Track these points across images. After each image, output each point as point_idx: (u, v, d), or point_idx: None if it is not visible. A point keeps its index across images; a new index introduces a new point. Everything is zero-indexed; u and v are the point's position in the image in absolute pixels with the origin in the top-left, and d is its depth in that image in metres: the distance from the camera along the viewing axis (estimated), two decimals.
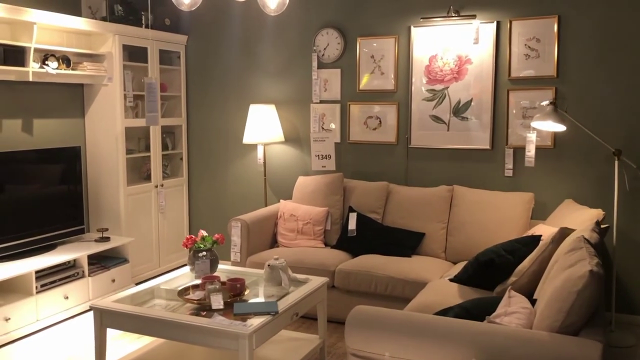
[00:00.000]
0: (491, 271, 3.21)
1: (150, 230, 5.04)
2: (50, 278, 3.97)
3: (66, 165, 4.40)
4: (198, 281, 3.27)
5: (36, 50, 4.01)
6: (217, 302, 2.85)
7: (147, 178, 5.10)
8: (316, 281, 3.29)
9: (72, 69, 4.34)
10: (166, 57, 5.19)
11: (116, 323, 2.88)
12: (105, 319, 2.89)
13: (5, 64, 3.85)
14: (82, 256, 4.20)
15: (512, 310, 2.30)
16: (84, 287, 4.21)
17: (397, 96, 4.58)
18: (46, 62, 4.11)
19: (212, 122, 5.31)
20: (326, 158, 4.67)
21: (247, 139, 4.80)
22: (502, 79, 4.24)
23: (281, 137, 4.85)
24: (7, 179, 3.94)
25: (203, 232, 3.42)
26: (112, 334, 3.75)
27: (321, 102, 4.84)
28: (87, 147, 4.80)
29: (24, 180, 4.07)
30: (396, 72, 4.56)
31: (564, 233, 2.88)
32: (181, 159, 5.43)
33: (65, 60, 4.26)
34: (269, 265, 3.18)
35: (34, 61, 3.99)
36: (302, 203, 4.58)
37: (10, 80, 4.02)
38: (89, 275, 4.25)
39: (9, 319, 3.64)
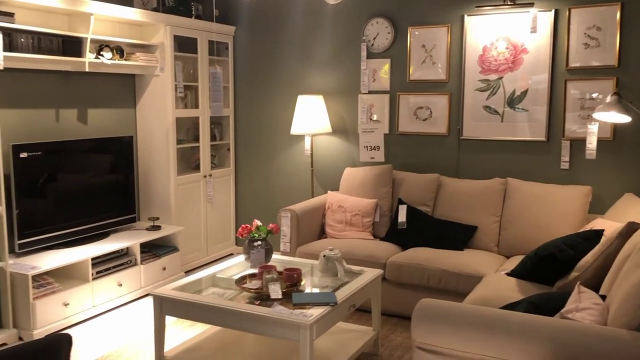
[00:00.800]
0: (551, 266, 3.13)
1: (199, 219, 5.09)
2: (104, 265, 4.05)
3: (119, 154, 4.47)
4: (253, 270, 3.29)
5: (92, 41, 4.07)
6: (276, 291, 2.85)
7: (196, 168, 5.14)
8: (371, 273, 3.26)
9: (125, 60, 4.39)
10: (215, 48, 5.21)
11: (175, 311, 2.91)
12: (164, 307, 2.93)
13: (63, 54, 3.92)
14: (135, 244, 4.26)
15: (583, 306, 2.23)
16: (136, 274, 4.27)
17: (448, 86, 4.50)
18: (101, 53, 4.17)
19: (259, 113, 5.32)
20: (375, 149, 4.63)
21: (294, 130, 4.79)
22: (560, 69, 4.12)
23: (328, 128, 4.82)
24: (64, 168, 4.02)
25: (257, 222, 3.43)
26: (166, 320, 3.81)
27: (370, 92, 4.79)
28: (138, 136, 4.87)
29: (79, 169, 4.15)
30: (448, 61, 4.47)
31: (632, 227, 2.78)
32: (228, 149, 5.46)
33: (119, 50, 4.31)
34: (324, 255, 3.17)
35: (89, 52, 4.05)
36: (350, 194, 4.55)
37: (67, 70, 4.09)
38: (141, 263, 4.32)
39: (68, 304, 3.73)
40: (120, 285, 4.13)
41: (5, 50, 3.54)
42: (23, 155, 3.71)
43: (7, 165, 3.64)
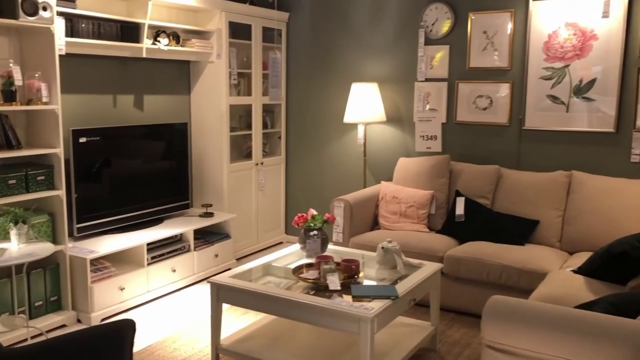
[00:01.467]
0: (623, 264, 2.96)
1: (250, 207, 5.07)
2: (159, 251, 4.07)
3: (174, 141, 4.48)
4: (309, 260, 3.23)
5: (149, 26, 4.07)
6: (334, 282, 2.79)
7: (247, 156, 5.13)
8: (431, 267, 3.16)
9: (181, 46, 4.38)
10: (268, 35, 5.15)
11: (232, 299, 2.88)
12: (222, 294, 2.90)
13: (121, 40, 3.93)
14: (189, 231, 4.27)
15: None
16: (190, 261, 4.29)
17: (511, 74, 4.32)
18: (158, 39, 4.17)
19: (312, 101, 5.24)
20: (432, 139, 4.50)
21: (347, 118, 4.70)
22: (632, 57, 3.88)
23: (383, 117, 4.71)
24: (120, 153, 4.05)
25: (313, 211, 3.37)
26: None
27: (426, 80, 4.65)
28: (192, 123, 4.87)
29: (135, 154, 4.18)
30: (511, 48, 4.29)
31: None
32: (279, 137, 5.42)
33: (175, 36, 4.31)
34: (382, 247, 3.08)
35: (147, 38, 4.06)
36: (405, 185, 4.44)
37: (124, 56, 4.11)
38: (194, 250, 4.33)
39: (124, 288, 3.76)
40: (174, 271, 4.15)
41: (67, 35, 3.57)
42: (82, 140, 3.75)
43: (66, 150, 3.69)
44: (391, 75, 4.82)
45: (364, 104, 4.62)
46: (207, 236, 4.58)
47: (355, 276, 2.92)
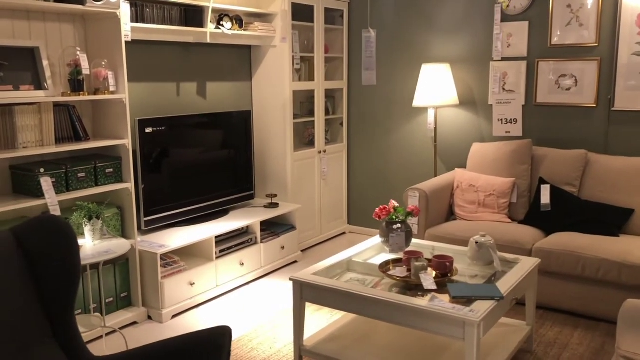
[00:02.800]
0: None
1: (313, 197, 4.88)
2: (227, 244, 3.92)
3: (238, 129, 4.31)
4: (393, 255, 3.02)
5: (212, 10, 3.89)
6: (429, 282, 2.56)
7: (309, 144, 4.93)
8: (528, 262, 2.90)
9: (244, 30, 4.19)
10: (329, 17, 4.92)
11: (317, 297, 2.69)
12: (305, 293, 2.72)
13: (185, 24, 3.77)
14: (255, 222, 4.11)
15: None
16: (257, 253, 4.13)
17: (598, 51, 3.97)
18: (221, 23, 3.99)
19: (375, 85, 4.99)
20: (511, 122, 4.20)
21: (417, 102, 4.44)
22: None
23: (455, 100, 4.42)
24: (185, 143, 3.90)
25: (394, 203, 3.14)
26: (289, 303, 3.64)
27: (503, 59, 4.34)
28: (254, 110, 4.69)
29: (199, 144, 4.03)
30: (599, 23, 3.94)
31: None
32: (341, 124, 5.20)
33: (238, 20, 4.12)
34: (476, 242, 2.83)
35: (210, 22, 3.88)
36: (481, 172, 4.16)
37: (186, 42, 3.95)
38: (261, 242, 4.17)
39: (194, 283, 3.63)
40: (242, 264, 4.00)
41: (132, 21, 3.42)
42: (148, 130, 3.61)
43: (132, 140, 3.55)
44: (463, 55, 4.52)
45: (435, 87, 4.34)
46: (271, 228, 4.42)
47: (449, 274, 2.69)
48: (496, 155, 4.13)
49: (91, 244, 2.95)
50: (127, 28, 3.29)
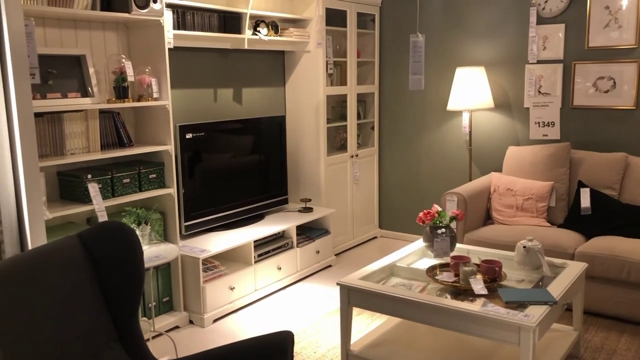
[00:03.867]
0: None
1: (345, 201, 4.89)
2: (264, 248, 3.94)
3: (272, 134, 4.33)
4: (438, 260, 3.01)
5: (250, 16, 3.92)
6: (479, 286, 2.55)
7: (341, 148, 4.93)
8: (576, 267, 2.87)
9: (280, 35, 4.22)
10: (360, 21, 4.93)
11: (365, 302, 2.69)
12: (353, 298, 2.72)
13: (224, 31, 3.80)
14: (292, 227, 4.13)
15: None
16: (293, 258, 4.14)
17: (638, 53, 3.93)
18: (257, 29, 4.02)
19: (407, 89, 4.98)
20: (549, 125, 4.17)
21: (452, 106, 4.43)
22: None
23: (490, 103, 4.40)
24: (222, 149, 3.93)
25: (437, 207, 3.13)
26: (328, 307, 3.64)
27: (538, 62, 4.31)
28: (287, 115, 4.71)
29: (236, 149, 4.05)
30: (638, 24, 3.90)
31: None
32: (372, 128, 5.20)
33: (273, 26, 4.15)
34: (524, 247, 2.82)
35: (247, 28, 3.91)
36: (518, 176, 4.14)
37: (224, 48, 3.97)
38: (297, 246, 4.18)
39: (234, 288, 3.65)
40: (280, 268, 4.01)
41: (174, 28, 3.46)
42: (188, 136, 3.65)
43: (174, 146, 3.59)
44: (498, 58, 4.50)
45: (470, 90, 4.33)
46: (306, 232, 4.43)
47: (498, 279, 2.68)
48: (534, 158, 4.10)
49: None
50: (170, 35, 3.33)
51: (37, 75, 2.72)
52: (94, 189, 3.00)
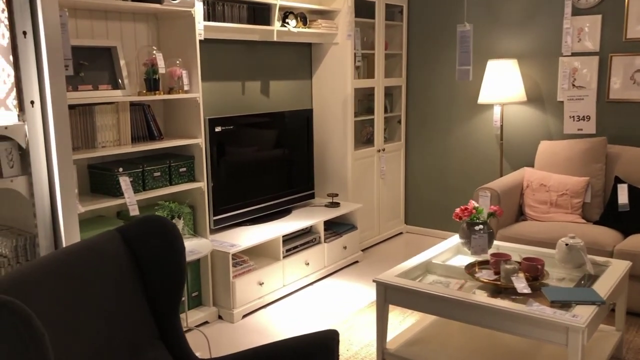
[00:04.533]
0: None
1: (372, 196, 4.81)
2: (293, 243, 3.89)
3: (299, 128, 4.27)
4: (476, 257, 2.94)
5: (279, 8, 3.85)
6: (522, 285, 2.48)
7: (367, 142, 4.86)
8: (619, 265, 2.78)
9: (308, 27, 4.15)
10: (388, 12, 4.84)
11: (401, 300, 2.63)
12: (389, 295, 2.65)
13: (253, 22, 3.74)
14: (319, 222, 4.07)
15: None
16: (321, 253, 4.08)
17: None
18: (286, 21, 3.95)
19: (435, 82, 4.90)
20: (584, 120, 4.06)
21: (482, 99, 4.33)
22: None
23: (522, 96, 4.30)
24: (250, 142, 3.88)
25: (474, 203, 3.06)
26: (358, 304, 3.58)
27: (573, 54, 4.20)
28: (314, 109, 4.65)
29: (263, 143, 4.00)
30: None
31: None
32: (399, 122, 5.12)
33: (302, 17, 4.08)
34: (566, 244, 2.73)
35: (277, 20, 3.84)
36: (551, 171, 4.04)
37: (252, 40, 3.91)
38: (324, 241, 4.13)
39: (262, 283, 3.60)
40: (307, 264, 3.96)
41: (204, 19, 3.41)
42: (217, 129, 3.60)
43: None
44: (529, 50, 4.39)
45: (502, 83, 4.23)
46: (333, 227, 4.37)
47: (540, 277, 2.60)
48: (568, 153, 4.00)
49: None
50: (201, 27, 3.27)
51: (70, 67, 2.69)
52: (125, 182, 2.96)
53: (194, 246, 2.91)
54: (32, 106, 2.43)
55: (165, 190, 3.16)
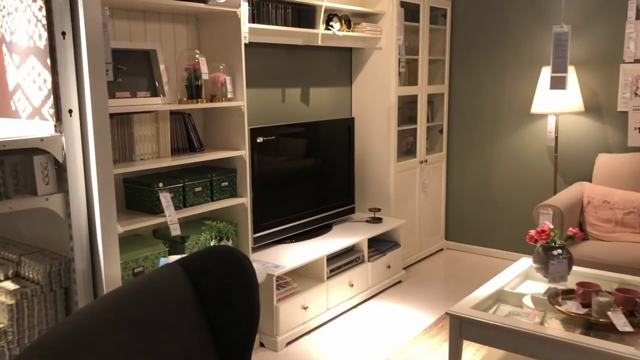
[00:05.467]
0: None
1: (414, 210, 4.52)
2: (336, 263, 3.61)
3: (341, 138, 4.00)
4: (554, 285, 2.64)
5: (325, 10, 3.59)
6: (622, 322, 2.18)
7: (407, 153, 4.58)
8: None
9: (352, 31, 3.88)
10: (432, 16, 4.56)
11: (479, 336, 2.33)
12: (465, 330, 2.36)
13: (298, 25, 3.47)
14: (363, 240, 3.78)
15: None
16: (364, 273, 3.80)
17: None
18: (330, 24, 3.68)
19: (481, 89, 4.61)
20: None
21: (536, 108, 4.04)
22: None
23: (580, 106, 4.00)
24: (291, 154, 3.61)
25: (548, 224, 2.76)
26: (410, 331, 3.29)
27: (636, 61, 3.91)
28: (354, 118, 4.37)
29: (302, 154, 3.72)
30: None
31: None
32: (440, 131, 4.83)
33: (346, 20, 3.81)
34: None
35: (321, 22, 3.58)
36: (613, 186, 3.74)
37: (293, 44, 3.64)
38: (368, 260, 3.84)
39: (307, 307, 3.32)
40: (352, 285, 3.67)
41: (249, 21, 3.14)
42: (259, 140, 3.33)
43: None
44: (586, 56, 4.10)
45: (557, 92, 3.93)
46: (374, 244, 4.08)
47: (637, 312, 2.30)
48: (633, 167, 3.70)
49: None
50: (246, 29, 3.01)
51: (110, 72, 2.42)
52: (165, 199, 2.69)
53: None
54: (70, 115, 2.17)
55: (207, 207, 2.89)
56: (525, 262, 3.01)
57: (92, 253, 2.28)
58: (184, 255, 1.98)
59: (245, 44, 3.02)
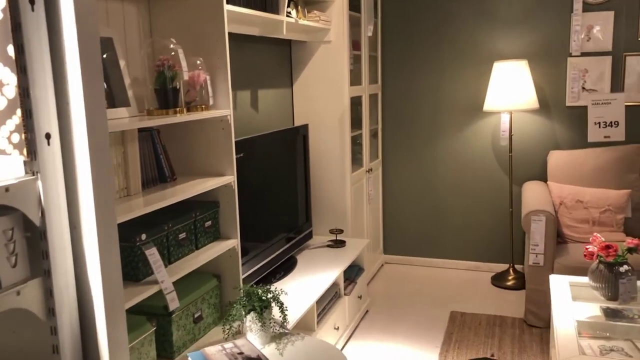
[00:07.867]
0: None
1: (362, 226, 4.00)
2: (321, 305, 2.93)
3: (294, 151, 3.30)
4: (594, 305, 2.31)
5: None
6: None
7: (354, 162, 4.02)
8: None
9: (307, 19, 3.22)
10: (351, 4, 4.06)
11: None
12: None
13: (264, 9, 2.72)
14: (340, 274, 3.15)
15: None
16: (343, 310, 3.18)
17: None
18: (287, 10, 2.99)
19: (419, 88, 4.24)
20: (612, 126, 3.69)
21: (489, 106, 3.79)
22: None
23: (535, 102, 3.80)
24: (255, 172, 2.84)
25: (599, 237, 2.44)
26: None
27: (582, 54, 3.84)
28: (297, 124, 3.70)
29: (264, 173, 2.97)
30: None
31: None
32: (375, 135, 4.37)
33: (301, 7, 3.14)
34: None
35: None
36: (574, 184, 3.63)
37: (241, 34, 2.89)
38: (344, 294, 3.22)
39: None
40: (337, 328, 3.03)
41: None
42: (239, 155, 2.51)
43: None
44: (530, 51, 3.95)
45: (509, 88, 3.71)
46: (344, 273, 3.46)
47: None
48: (596, 163, 3.61)
49: (260, 348, 1.83)
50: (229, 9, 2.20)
51: None
52: (153, 257, 1.80)
53: (305, 348, 1.85)
54: (49, 144, 1.24)
55: (194, 260, 2.04)
56: (562, 281, 2.66)
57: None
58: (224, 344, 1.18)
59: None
